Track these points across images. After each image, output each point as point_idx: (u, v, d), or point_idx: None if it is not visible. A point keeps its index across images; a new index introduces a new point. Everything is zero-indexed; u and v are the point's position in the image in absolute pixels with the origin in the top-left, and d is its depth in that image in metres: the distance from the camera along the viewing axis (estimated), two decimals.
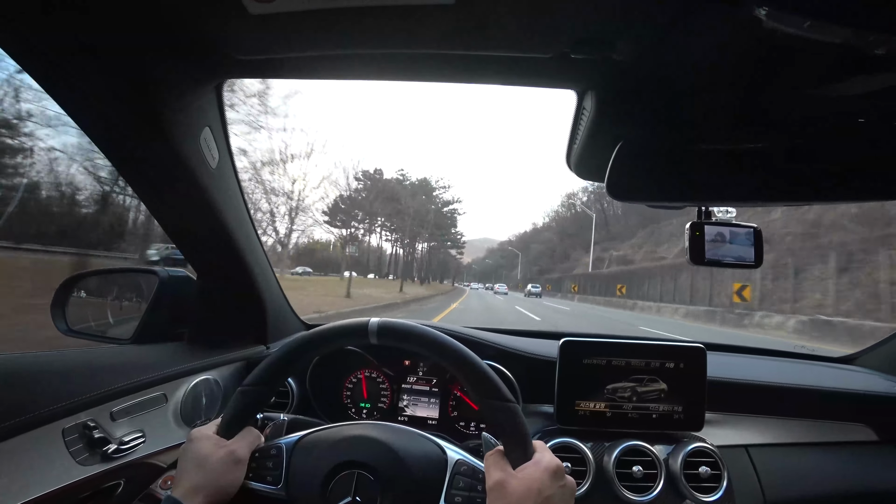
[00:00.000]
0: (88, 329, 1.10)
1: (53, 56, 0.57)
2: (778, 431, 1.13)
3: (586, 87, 0.70)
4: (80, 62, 0.58)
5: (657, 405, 0.99)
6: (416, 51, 0.63)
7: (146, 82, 0.64)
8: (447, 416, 1.14)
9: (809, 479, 1.06)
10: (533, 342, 1.23)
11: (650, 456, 0.94)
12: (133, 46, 0.60)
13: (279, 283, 1.20)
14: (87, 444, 0.70)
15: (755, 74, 0.63)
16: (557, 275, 55.60)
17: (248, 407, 0.66)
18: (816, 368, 1.38)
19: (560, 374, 0.99)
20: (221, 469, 0.60)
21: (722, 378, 1.11)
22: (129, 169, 0.76)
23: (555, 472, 0.56)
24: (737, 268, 0.85)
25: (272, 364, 0.67)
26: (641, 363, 0.98)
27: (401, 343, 0.66)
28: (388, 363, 1.17)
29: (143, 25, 0.58)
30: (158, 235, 9.09)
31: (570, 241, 61.87)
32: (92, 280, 1.16)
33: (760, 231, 0.86)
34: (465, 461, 0.65)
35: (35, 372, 0.69)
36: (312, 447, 0.66)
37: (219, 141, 0.82)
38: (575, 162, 0.81)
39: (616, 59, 0.59)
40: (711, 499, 0.91)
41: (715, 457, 0.94)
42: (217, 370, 0.99)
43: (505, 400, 0.60)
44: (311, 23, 0.57)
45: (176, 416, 0.88)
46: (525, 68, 0.66)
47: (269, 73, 0.72)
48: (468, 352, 0.64)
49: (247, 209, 0.97)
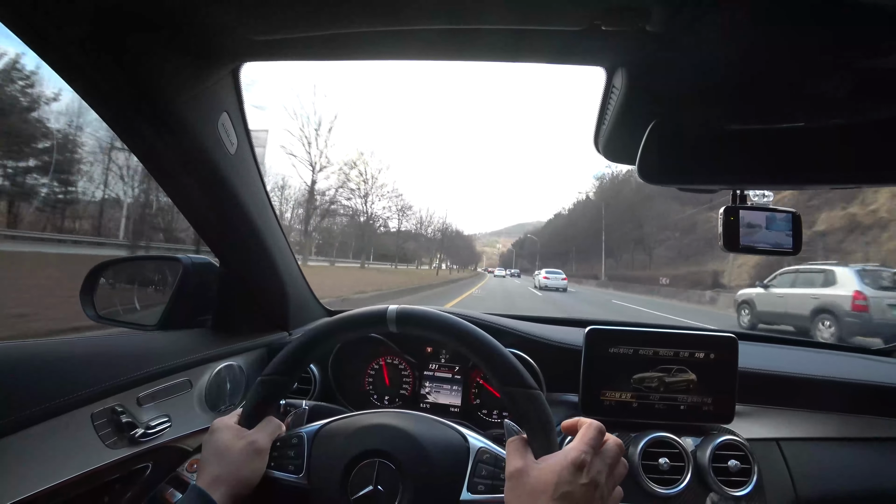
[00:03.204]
0: (116, 315, 1.12)
1: (66, 45, 0.57)
2: (811, 425, 1.09)
3: (616, 62, 0.66)
4: (92, 50, 0.58)
5: (685, 396, 0.96)
6: (438, 26, 0.60)
7: (160, 67, 0.63)
8: (469, 404, 1.13)
9: (844, 476, 1.02)
10: (556, 329, 1.20)
11: (677, 448, 0.91)
12: (145, 30, 0.59)
13: (300, 268, 1.21)
14: (115, 428, 0.71)
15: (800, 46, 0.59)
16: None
17: (268, 397, 0.66)
18: (854, 360, 1.32)
19: (585, 362, 0.97)
20: (243, 459, 0.60)
21: (753, 369, 1.07)
22: (148, 157, 0.76)
23: (578, 468, 0.52)
24: (773, 255, 0.81)
25: (291, 354, 0.67)
26: (670, 353, 0.96)
27: (420, 330, 0.65)
28: (410, 350, 1.16)
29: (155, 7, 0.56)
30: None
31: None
32: (119, 267, 1.18)
33: (800, 216, 0.81)
34: (488, 449, 0.64)
35: (63, 357, 0.70)
36: (333, 436, 0.66)
37: (237, 126, 0.81)
38: (603, 144, 0.78)
39: (649, 30, 0.55)
40: (741, 493, 0.88)
41: (745, 450, 0.91)
42: (240, 356, 1.00)
43: (528, 387, 0.59)
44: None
45: (201, 402, 0.89)
46: (552, 43, 0.63)
47: (285, 55, 0.70)
48: (489, 338, 0.62)
49: (266, 194, 0.97)
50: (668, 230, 41.08)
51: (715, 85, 0.68)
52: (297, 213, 15.75)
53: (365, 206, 22.47)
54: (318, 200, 17.18)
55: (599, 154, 0.80)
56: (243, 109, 0.82)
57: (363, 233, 23.82)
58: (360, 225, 23.57)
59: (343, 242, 27.75)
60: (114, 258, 1.15)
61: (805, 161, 0.67)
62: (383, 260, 41.09)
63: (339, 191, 20.09)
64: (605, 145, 0.78)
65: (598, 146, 0.79)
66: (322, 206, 17.76)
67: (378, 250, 34.09)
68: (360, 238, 23.95)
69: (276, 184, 25.50)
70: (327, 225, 18.59)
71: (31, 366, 0.65)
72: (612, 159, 0.79)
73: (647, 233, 43.41)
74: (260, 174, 0.93)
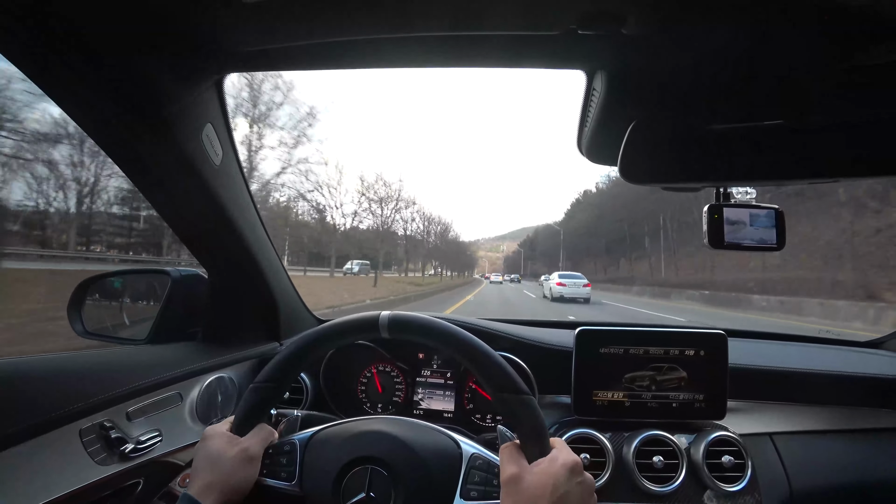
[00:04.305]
0: (104, 330, 1.11)
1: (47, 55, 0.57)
2: (803, 418, 1.10)
3: (595, 66, 0.67)
4: (74, 61, 0.58)
5: (677, 394, 0.96)
6: (416, 34, 0.61)
7: (143, 79, 0.63)
8: (463, 409, 1.13)
9: (837, 467, 1.03)
10: (548, 332, 1.21)
11: (671, 446, 0.92)
12: (127, 42, 0.59)
13: (290, 278, 1.20)
14: (104, 444, 0.70)
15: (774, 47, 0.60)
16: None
17: (260, 404, 0.66)
18: (842, 353, 1.34)
19: (576, 363, 0.98)
20: (234, 466, 0.60)
21: (744, 365, 1.08)
22: (132, 169, 0.76)
23: (572, 469, 0.54)
24: (758, 251, 0.82)
25: (283, 361, 0.66)
26: (660, 351, 0.96)
27: (412, 336, 0.65)
28: (402, 357, 1.16)
29: (136, 19, 0.57)
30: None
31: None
32: (107, 282, 1.17)
33: (783, 212, 0.82)
34: (481, 455, 0.64)
35: (51, 374, 0.69)
36: (326, 443, 0.66)
37: (221, 137, 0.81)
38: (586, 146, 0.79)
39: (626, 34, 0.56)
40: (735, 488, 0.89)
41: (738, 445, 0.92)
42: (231, 368, 1.00)
43: (520, 392, 0.59)
44: (307, 8, 0.55)
45: (192, 415, 0.88)
46: (531, 48, 0.64)
47: (268, 66, 0.71)
48: (481, 343, 0.62)
49: (254, 205, 0.97)
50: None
51: (693, 86, 0.70)
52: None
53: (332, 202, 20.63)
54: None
55: (582, 156, 0.81)
56: (228, 120, 0.82)
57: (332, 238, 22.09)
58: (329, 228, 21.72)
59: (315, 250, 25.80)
60: (101, 273, 1.14)
61: (784, 157, 0.69)
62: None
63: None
64: (589, 148, 0.79)
65: (580, 148, 0.80)
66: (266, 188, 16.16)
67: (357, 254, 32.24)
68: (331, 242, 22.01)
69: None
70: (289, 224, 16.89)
71: (18, 383, 0.64)
72: (594, 161, 0.80)
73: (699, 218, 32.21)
74: (247, 185, 0.93)
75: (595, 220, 50.40)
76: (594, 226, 50.42)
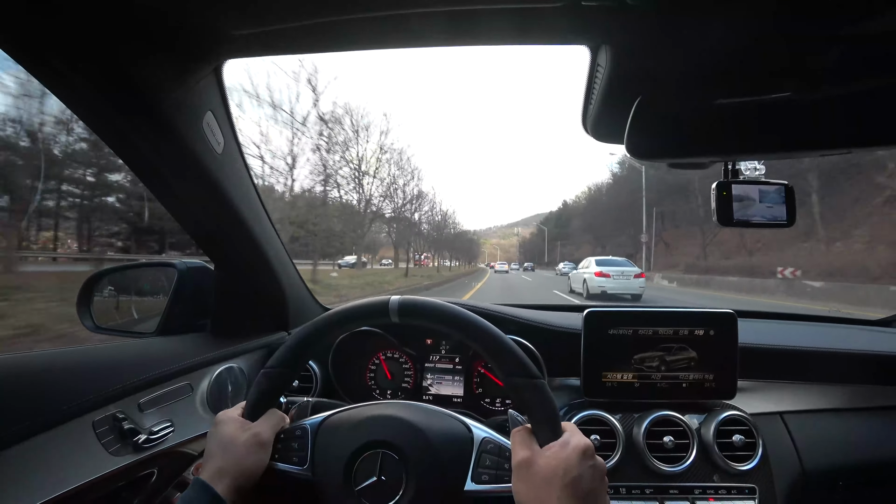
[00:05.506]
0: (114, 325, 1.12)
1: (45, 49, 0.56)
2: (814, 397, 1.09)
3: (600, 40, 0.65)
4: (70, 52, 0.57)
5: (687, 374, 0.96)
6: (415, 10, 0.59)
7: (140, 68, 0.62)
8: (472, 394, 1.13)
9: (848, 446, 1.03)
10: (556, 315, 1.21)
11: (681, 426, 0.92)
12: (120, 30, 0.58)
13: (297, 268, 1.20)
14: (117, 435, 0.71)
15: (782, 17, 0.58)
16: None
17: (271, 389, 0.66)
18: (853, 332, 1.33)
19: (585, 345, 0.97)
20: (246, 451, 0.60)
21: (754, 344, 1.07)
22: (134, 160, 0.75)
23: (584, 452, 0.54)
24: (768, 227, 0.81)
25: (293, 346, 0.67)
26: (669, 331, 0.96)
27: (422, 320, 0.65)
28: (410, 343, 1.16)
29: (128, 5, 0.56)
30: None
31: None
32: (115, 277, 1.18)
33: (793, 188, 0.81)
34: (492, 439, 0.64)
35: (63, 368, 0.70)
36: (337, 427, 0.66)
37: (223, 125, 0.80)
38: (591, 124, 0.77)
39: (631, 3, 0.55)
40: (746, 467, 0.89)
41: (749, 425, 0.91)
42: (240, 358, 1.00)
43: (530, 376, 0.59)
44: None
45: (203, 405, 0.89)
46: (532, 23, 0.62)
47: (267, 50, 0.70)
48: (491, 327, 0.62)
49: (257, 193, 0.96)
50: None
51: (699, 60, 0.68)
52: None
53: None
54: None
55: (588, 135, 0.79)
56: (228, 108, 0.81)
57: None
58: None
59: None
60: (108, 268, 1.15)
61: (793, 130, 0.67)
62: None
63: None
64: (594, 126, 0.77)
65: (586, 127, 0.79)
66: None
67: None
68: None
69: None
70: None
71: (31, 377, 0.65)
72: (600, 139, 0.79)
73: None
74: (249, 173, 0.93)
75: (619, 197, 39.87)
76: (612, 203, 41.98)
